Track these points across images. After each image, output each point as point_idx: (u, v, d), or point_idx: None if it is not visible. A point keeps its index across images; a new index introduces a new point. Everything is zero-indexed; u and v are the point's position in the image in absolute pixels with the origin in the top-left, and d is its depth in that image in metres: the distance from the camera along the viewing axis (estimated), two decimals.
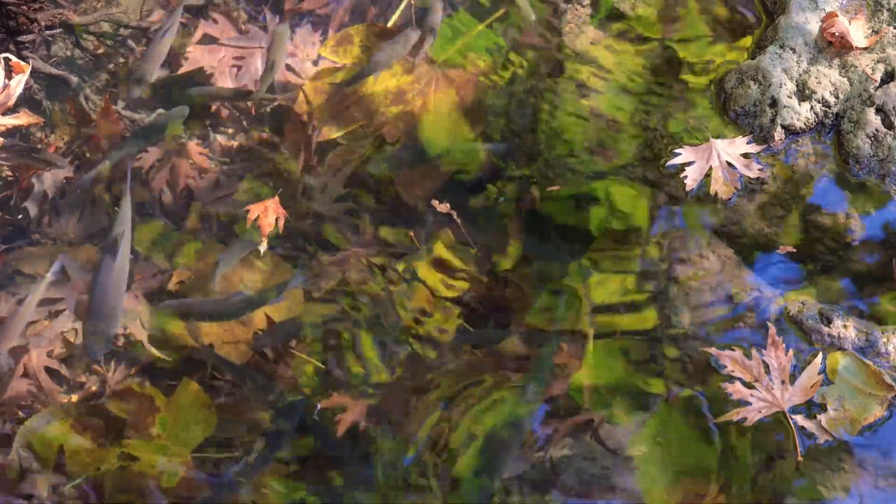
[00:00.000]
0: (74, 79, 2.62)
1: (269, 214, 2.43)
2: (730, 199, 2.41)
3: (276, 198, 2.45)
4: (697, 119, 2.53)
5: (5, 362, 2.27)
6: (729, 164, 2.43)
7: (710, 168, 2.42)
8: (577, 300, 2.32)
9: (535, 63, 2.66)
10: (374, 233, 2.43)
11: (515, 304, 2.33)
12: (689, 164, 2.43)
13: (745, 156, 2.44)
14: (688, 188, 2.41)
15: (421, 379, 2.25)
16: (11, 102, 2.53)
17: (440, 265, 2.38)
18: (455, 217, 2.40)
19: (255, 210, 2.43)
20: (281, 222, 2.42)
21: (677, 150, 2.46)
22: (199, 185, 2.50)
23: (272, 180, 2.51)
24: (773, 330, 2.19)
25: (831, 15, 2.52)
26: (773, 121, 2.47)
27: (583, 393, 2.21)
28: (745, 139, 2.46)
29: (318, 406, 2.20)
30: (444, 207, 2.41)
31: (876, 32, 2.54)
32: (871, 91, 2.46)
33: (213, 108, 2.60)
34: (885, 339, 2.21)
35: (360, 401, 2.19)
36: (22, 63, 2.53)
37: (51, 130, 2.57)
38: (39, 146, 2.54)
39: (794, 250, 2.36)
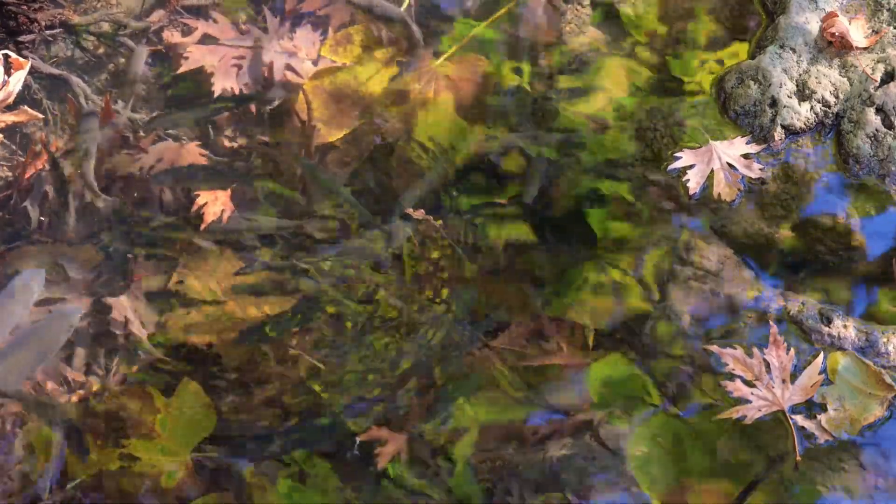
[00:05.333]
0: (74, 79, 2.62)
1: (216, 204, 2.43)
2: (734, 200, 2.41)
3: (229, 191, 2.45)
4: (697, 120, 2.53)
5: None
6: (730, 165, 2.43)
7: (712, 171, 2.42)
8: (576, 299, 2.32)
9: (535, 63, 2.66)
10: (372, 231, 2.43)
11: (513, 302, 2.33)
12: (690, 167, 2.43)
13: (746, 156, 2.44)
14: (691, 192, 2.41)
15: (421, 377, 2.25)
16: (11, 99, 2.53)
17: (436, 264, 2.38)
18: (433, 221, 2.39)
19: (204, 196, 2.43)
20: (226, 215, 2.41)
21: (678, 154, 2.46)
22: (200, 185, 2.50)
23: (272, 180, 2.51)
24: (774, 329, 2.19)
25: (831, 15, 2.53)
26: (773, 121, 2.47)
27: (583, 393, 2.22)
28: (744, 140, 2.47)
29: (358, 439, 2.18)
30: (419, 214, 2.40)
31: (876, 32, 2.54)
32: (871, 91, 2.46)
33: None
34: (885, 339, 2.22)
35: (400, 434, 2.18)
36: (21, 59, 2.52)
37: (51, 130, 2.57)
38: (39, 146, 2.54)
39: (793, 234, 2.37)
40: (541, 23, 2.73)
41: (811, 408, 2.16)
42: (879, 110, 2.44)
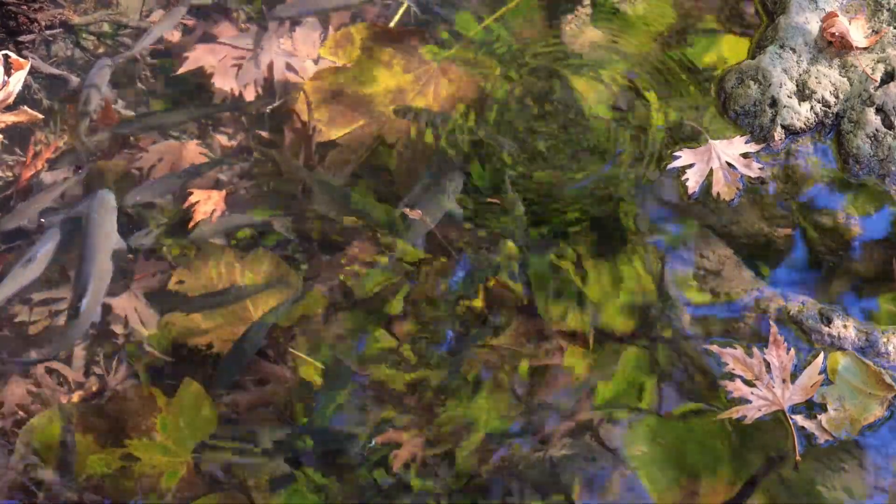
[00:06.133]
0: (74, 79, 2.62)
1: (208, 203, 2.43)
2: (732, 199, 2.41)
3: (224, 192, 2.45)
4: (697, 119, 2.53)
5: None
6: (729, 164, 2.43)
7: (711, 170, 2.42)
8: (576, 300, 2.32)
9: (535, 63, 2.66)
10: (373, 232, 2.43)
11: (513, 303, 2.33)
12: (690, 166, 2.43)
13: (745, 156, 2.44)
14: (690, 191, 2.41)
15: (424, 376, 2.25)
16: (11, 99, 2.53)
17: (437, 264, 2.39)
18: (429, 223, 2.39)
19: (198, 194, 2.43)
20: (216, 215, 2.42)
21: (677, 153, 2.46)
22: (199, 185, 2.50)
23: (272, 180, 2.51)
24: (774, 328, 2.19)
25: (831, 15, 2.53)
26: (773, 121, 2.48)
27: (583, 392, 2.22)
28: (744, 139, 2.47)
29: (373, 441, 2.18)
30: (415, 214, 2.40)
31: (876, 32, 2.55)
32: (871, 91, 2.47)
33: None
34: (885, 339, 2.22)
35: (414, 437, 2.18)
36: (21, 59, 2.53)
37: (51, 130, 2.57)
38: (39, 146, 2.54)
39: (792, 232, 2.37)
40: (541, 22, 2.73)
41: (811, 408, 2.16)
42: (879, 110, 2.44)
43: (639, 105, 2.58)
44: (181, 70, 2.66)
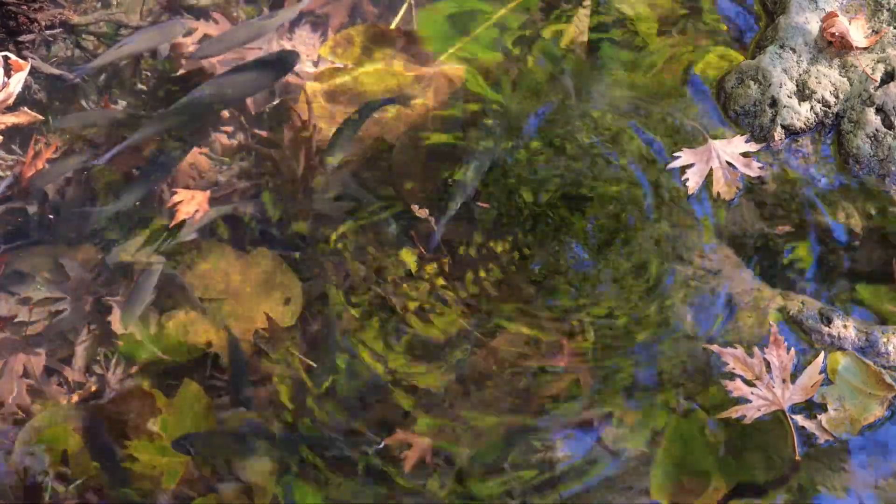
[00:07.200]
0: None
1: (191, 204, 2.43)
2: (732, 199, 2.41)
3: (208, 193, 2.45)
4: (697, 119, 2.53)
5: None
6: (729, 164, 2.43)
7: (711, 169, 2.42)
8: (575, 299, 2.33)
9: (536, 62, 2.66)
10: (373, 232, 2.43)
11: (514, 302, 2.33)
12: (690, 166, 2.43)
13: (745, 155, 2.44)
14: (690, 191, 2.41)
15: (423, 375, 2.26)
16: (11, 101, 2.53)
17: (440, 264, 2.39)
18: (433, 223, 2.39)
19: (182, 194, 2.43)
20: (198, 216, 2.42)
21: (677, 153, 2.46)
22: (199, 185, 2.50)
23: (272, 180, 2.51)
24: (774, 328, 2.20)
25: (831, 15, 2.53)
26: (773, 120, 2.48)
27: (583, 393, 2.22)
28: (743, 138, 2.47)
29: (382, 443, 2.18)
30: (422, 213, 2.40)
31: (876, 32, 2.55)
32: (871, 91, 2.47)
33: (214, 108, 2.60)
34: (885, 339, 2.22)
35: (423, 437, 2.18)
36: (21, 61, 2.53)
37: (51, 130, 2.57)
38: (39, 146, 2.54)
39: (792, 229, 2.37)
40: (540, 23, 2.73)
41: (811, 408, 2.16)
42: (879, 110, 2.44)
43: (639, 103, 2.58)
44: (181, 71, 2.65)
